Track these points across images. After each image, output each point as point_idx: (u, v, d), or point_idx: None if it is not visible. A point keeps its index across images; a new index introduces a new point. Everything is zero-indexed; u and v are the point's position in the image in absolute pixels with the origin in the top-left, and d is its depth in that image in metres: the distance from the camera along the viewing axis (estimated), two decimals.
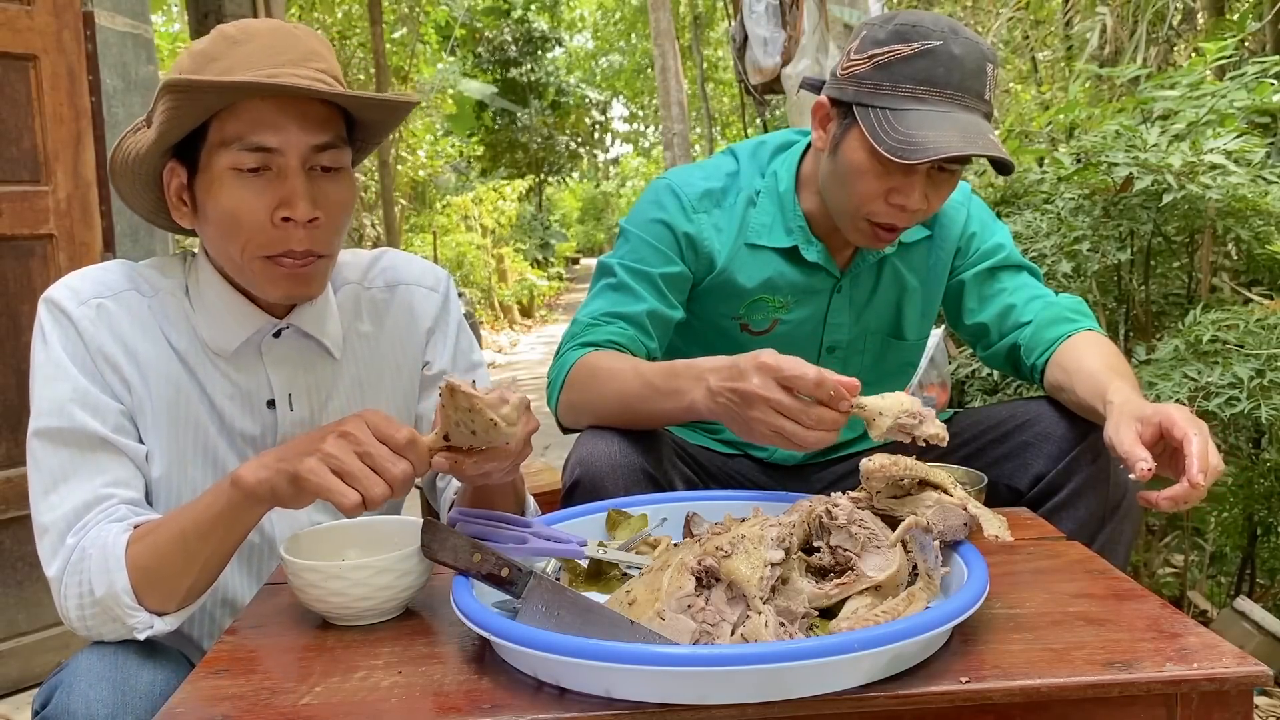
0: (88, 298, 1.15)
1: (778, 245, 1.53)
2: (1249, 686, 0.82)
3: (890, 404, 1.07)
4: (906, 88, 1.35)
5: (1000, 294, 1.58)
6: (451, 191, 14.45)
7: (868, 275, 1.59)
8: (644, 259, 1.51)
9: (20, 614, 2.43)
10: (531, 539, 1.08)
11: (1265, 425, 1.83)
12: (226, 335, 1.19)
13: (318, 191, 1.12)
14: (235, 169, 1.10)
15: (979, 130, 1.33)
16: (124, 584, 1.02)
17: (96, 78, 2.53)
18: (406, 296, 1.34)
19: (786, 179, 1.55)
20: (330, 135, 1.13)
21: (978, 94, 1.36)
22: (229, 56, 1.10)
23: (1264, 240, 2.14)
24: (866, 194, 1.40)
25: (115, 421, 1.13)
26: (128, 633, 1.04)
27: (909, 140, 1.31)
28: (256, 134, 1.08)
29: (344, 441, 0.95)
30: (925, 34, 1.34)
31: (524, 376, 7.90)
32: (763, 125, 5.47)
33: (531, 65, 21.70)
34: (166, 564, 1.03)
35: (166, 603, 1.05)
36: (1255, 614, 1.97)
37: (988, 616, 0.94)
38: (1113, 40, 3.94)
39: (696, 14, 15.86)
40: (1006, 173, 1.40)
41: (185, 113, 1.08)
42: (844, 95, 1.41)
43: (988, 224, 1.63)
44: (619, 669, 0.78)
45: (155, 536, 1.04)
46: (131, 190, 1.20)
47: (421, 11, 14.35)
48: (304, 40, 1.14)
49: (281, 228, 1.11)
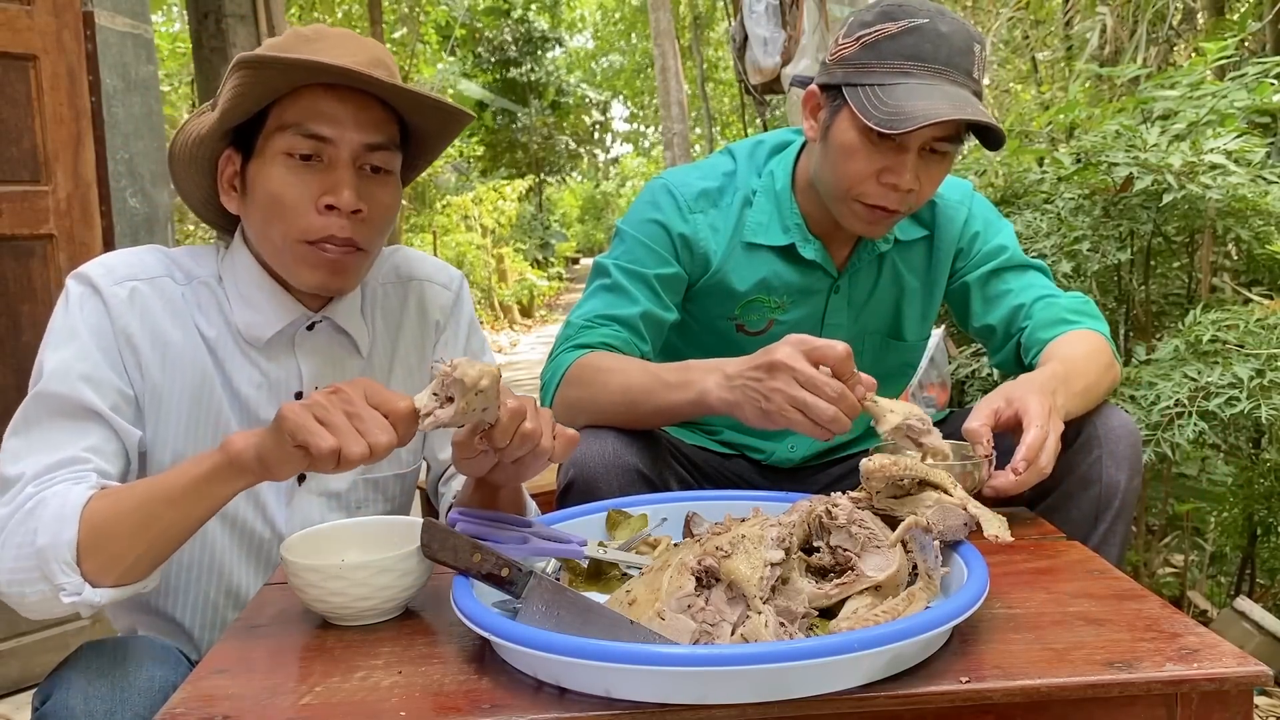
0: (122, 278, 1.16)
1: (774, 243, 1.52)
2: (1249, 686, 0.82)
3: (901, 407, 1.13)
4: (894, 63, 1.35)
5: (1006, 296, 1.56)
6: (451, 191, 14.45)
7: (866, 274, 1.58)
8: (639, 260, 1.50)
9: (20, 614, 2.43)
10: (531, 539, 1.08)
11: (1265, 425, 1.83)
12: (262, 324, 1.21)
13: (364, 188, 1.15)
14: (288, 154, 1.13)
15: (968, 101, 1.33)
16: (70, 536, 0.98)
17: (96, 78, 2.53)
18: (419, 292, 1.35)
19: (783, 177, 1.54)
20: (384, 137, 1.16)
21: (965, 70, 1.36)
22: (300, 50, 1.13)
23: (1264, 240, 2.14)
24: (857, 174, 1.39)
25: (114, 401, 1.13)
26: (53, 595, 0.99)
27: (898, 111, 1.31)
28: (313, 122, 1.12)
29: (334, 397, 0.94)
30: (912, 13, 1.35)
31: (524, 376, 7.90)
32: (763, 125, 5.47)
33: (531, 65, 21.69)
34: (122, 525, 0.99)
35: (106, 571, 1.00)
36: (1255, 614, 1.97)
37: (988, 616, 0.94)
38: (1113, 40, 3.94)
39: (696, 14, 15.86)
40: (997, 146, 1.40)
41: (252, 91, 1.11)
42: (832, 79, 1.41)
43: (991, 223, 1.62)
44: (619, 669, 0.78)
45: (118, 495, 1.02)
46: (186, 175, 1.23)
47: (421, 11, 14.35)
48: (372, 49, 1.18)
49: (325, 214, 1.14)
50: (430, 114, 1.19)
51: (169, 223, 2.83)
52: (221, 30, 4.00)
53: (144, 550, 1.01)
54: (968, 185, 1.64)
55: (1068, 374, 1.33)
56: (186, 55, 9.36)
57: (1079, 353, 1.40)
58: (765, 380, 1.15)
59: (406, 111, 1.19)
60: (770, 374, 1.15)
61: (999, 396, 1.24)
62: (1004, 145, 1.42)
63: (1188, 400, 1.79)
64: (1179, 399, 1.79)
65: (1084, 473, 1.33)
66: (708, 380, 1.24)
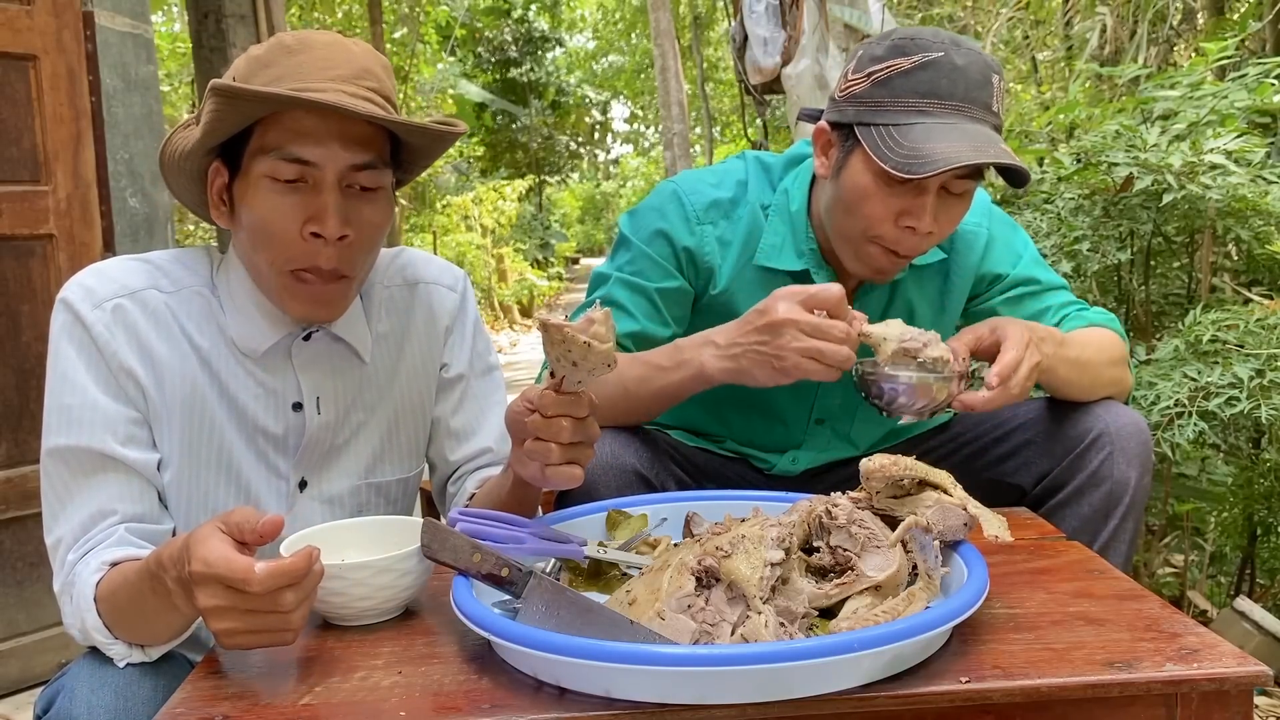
0: (102, 299, 1.13)
1: (788, 268, 1.47)
2: (1249, 686, 0.82)
3: (892, 330, 1.18)
4: (909, 101, 1.28)
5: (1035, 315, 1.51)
6: (451, 191, 14.45)
7: (876, 301, 1.52)
8: (641, 272, 1.46)
9: (20, 614, 2.43)
10: (531, 539, 1.08)
11: (1265, 425, 1.83)
12: (257, 336, 1.19)
13: (351, 210, 1.12)
14: (272, 178, 1.09)
15: (989, 140, 1.27)
16: (95, 623, 1.03)
17: (96, 78, 2.53)
18: (426, 295, 1.33)
19: (799, 198, 1.48)
20: (371, 155, 1.12)
21: (985, 105, 1.29)
22: (281, 65, 1.10)
23: (1264, 240, 2.14)
24: (874, 217, 1.32)
25: (126, 432, 1.12)
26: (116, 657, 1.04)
27: (916, 154, 1.24)
28: (296, 146, 1.08)
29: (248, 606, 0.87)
30: (925, 46, 1.28)
31: (524, 376, 7.90)
32: (763, 125, 5.46)
33: (531, 65, 21.70)
34: (129, 620, 1.03)
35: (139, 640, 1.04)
36: (1255, 614, 1.97)
37: (988, 616, 0.94)
38: (1113, 40, 3.94)
39: (696, 14, 15.86)
40: (1022, 184, 1.32)
41: (228, 118, 1.08)
42: (844, 117, 1.34)
43: (1010, 244, 1.55)
44: (619, 669, 0.78)
45: (113, 590, 1.03)
46: (178, 184, 1.21)
47: (421, 11, 14.35)
48: (359, 58, 1.13)
49: (311, 243, 1.10)
50: (420, 133, 1.16)
51: (169, 223, 2.83)
52: (221, 30, 3.99)
53: (158, 633, 1.03)
54: (985, 200, 1.58)
55: (1065, 339, 1.34)
56: (186, 55, 9.36)
57: (1086, 338, 1.41)
58: (772, 340, 1.16)
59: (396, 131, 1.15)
60: (775, 333, 1.16)
61: (984, 325, 1.28)
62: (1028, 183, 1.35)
63: (1188, 400, 1.79)
64: (1179, 399, 1.79)
65: (1095, 470, 1.33)
66: (702, 354, 1.24)
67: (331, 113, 1.08)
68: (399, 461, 1.31)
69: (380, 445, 1.28)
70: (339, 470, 1.26)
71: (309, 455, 1.23)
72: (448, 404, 1.35)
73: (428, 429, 1.35)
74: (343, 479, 1.26)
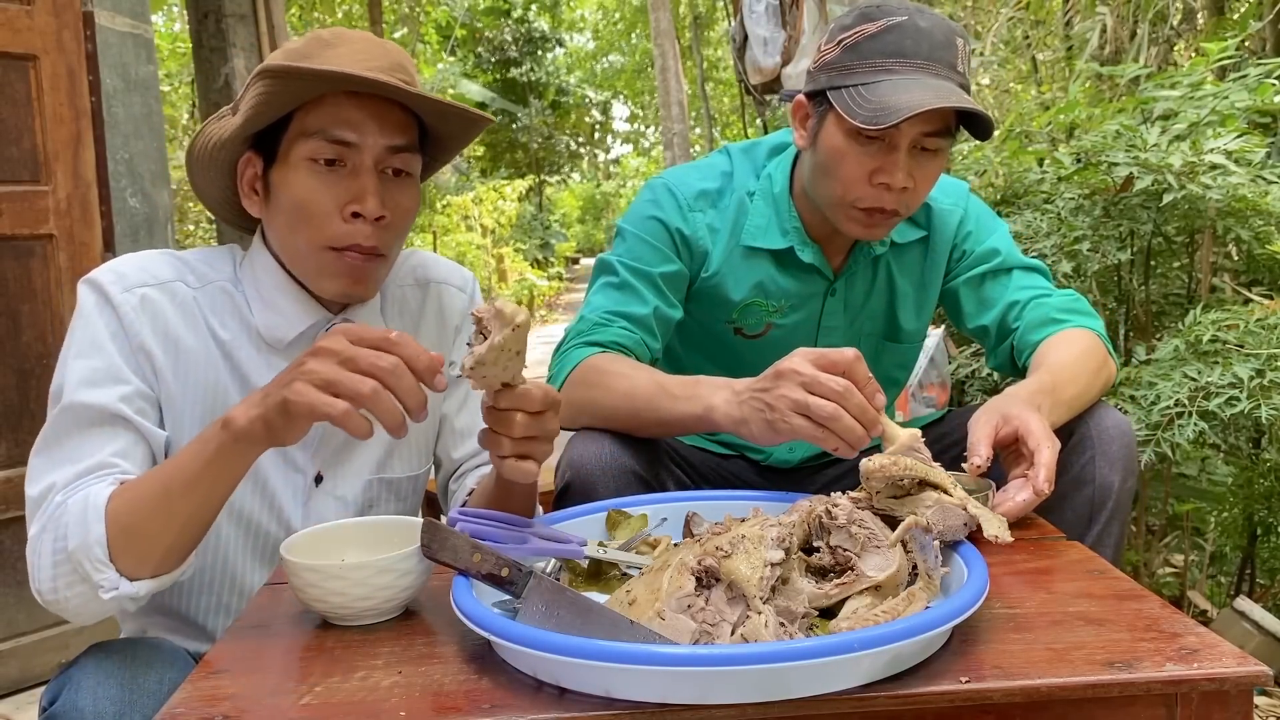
0: (132, 285, 1.16)
1: (773, 246, 1.52)
2: (1249, 686, 0.82)
3: (906, 433, 1.09)
4: (876, 62, 1.34)
5: (998, 297, 1.56)
6: (451, 191, 14.45)
7: (862, 278, 1.58)
8: (642, 258, 1.51)
9: (20, 614, 2.43)
10: (531, 539, 1.08)
11: (1265, 425, 1.83)
12: (284, 326, 1.21)
13: (386, 193, 1.16)
14: (312, 159, 1.14)
15: (953, 92, 1.32)
16: (99, 535, 0.99)
17: (96, 78, 2.53)
18: (437, 294, 1.37)
19: (781, 181, 1.54)
20: (406, 139, 1.17)
21: (949, 64, 1.35)
22: (320, 56, 1.14)
23: (1264, 240, 2.14)
24: (849, 178, 1.38)
25: (139, 405, 1.14)
26: (92, 594, 1.01)
27: (882, 107, 1.30)
28: (338, 128, 1.13)
29: (321, 356, 0.92)
30: (890, 11, 1.35)
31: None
32: (763, 125, 5.46)
33: (532, 65, 21.71)
34: (146, 517, 1.00)
35: (140, 566, 1.01)
36: (1255, 614, 1.97)
37: (988, 616, 0.94)
38: (1113, 40, 3.93)
39: (696, 14, 15.86)
40: (987, 135, 1.39)
41: (275, 100, 1.12)
42: (817, 85, 1.41)
43: (984, 224, 1.61)
44: (619, 669, 0.78)
45: (137, 487, 1.02)
46: (205, 177, 1.24)
47: (422, 11, 14.35)
48: (393, 53, 1.19)
49: (350, 223, 1.15)
50: (451, 119, 1.20)
51: (169, 223, 2.83)
52: (221, 30, 3.99)
53: (173, 539, 1.02)
54: (964, 186, 1.64)
55: (1055, 384, 1.32)
56: (186, 55, 9.36)
57: (1069, 357, 1.40)
58: (771, 389, 1.12)
59: (427, 115, 1.20)
60: (775, 382, 1.11)
61: (994, 415, 1.22)
62: (994, 133, 1.40)
63: (1188, 400, 1.79)
64: (1179, 399, 1.79)
65: (1077, 474, 1.33)
66: (715, 396, 1.21)
67: (369, 98, 1.14)
68: (410, 458, 1.34)
69: (392, 441, 1.31)
70: (352, 466, 1.28)
71: (325, 448, 1.25)
72: (453, 402, 1.39)
73: (437, 426, 1.39)
74: (356, 475, 1.29)
